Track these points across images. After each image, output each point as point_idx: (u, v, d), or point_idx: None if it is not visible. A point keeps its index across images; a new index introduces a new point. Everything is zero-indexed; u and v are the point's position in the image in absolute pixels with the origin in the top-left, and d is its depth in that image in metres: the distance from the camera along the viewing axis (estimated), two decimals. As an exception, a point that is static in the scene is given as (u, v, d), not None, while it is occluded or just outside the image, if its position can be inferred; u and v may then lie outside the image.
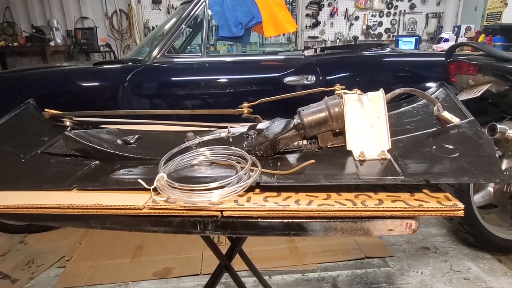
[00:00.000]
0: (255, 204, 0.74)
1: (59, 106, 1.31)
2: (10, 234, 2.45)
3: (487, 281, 1.91)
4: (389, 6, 6.59)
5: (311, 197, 0.76)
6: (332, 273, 2.00)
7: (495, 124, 1.76)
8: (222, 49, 5.97)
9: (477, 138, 0.87)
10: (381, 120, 0.89)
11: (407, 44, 5.74)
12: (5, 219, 0.87)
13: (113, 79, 2.42)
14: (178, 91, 2.49)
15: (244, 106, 1.20)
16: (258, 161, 0.86)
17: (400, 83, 2.50)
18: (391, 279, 1.94)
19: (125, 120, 1.36)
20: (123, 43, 6.30)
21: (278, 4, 2.69)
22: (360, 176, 0.78)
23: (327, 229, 0.73)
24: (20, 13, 5.97)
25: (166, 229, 0.78)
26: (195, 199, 0.75)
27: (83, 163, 1.01)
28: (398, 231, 0.71)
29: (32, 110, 1.31)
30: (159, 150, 1.00)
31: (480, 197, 2.13)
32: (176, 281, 1.96)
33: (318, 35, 6.59)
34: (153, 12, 6.20)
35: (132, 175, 0.90)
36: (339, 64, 2.62)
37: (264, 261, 2.05)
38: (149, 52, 2.50)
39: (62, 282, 1.96)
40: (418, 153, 0.87)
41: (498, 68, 1.90)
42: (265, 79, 2.54)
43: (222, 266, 1.23)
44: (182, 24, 2.50)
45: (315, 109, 0.95)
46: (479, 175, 0.75)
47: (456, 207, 0.69)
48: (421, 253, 2.18)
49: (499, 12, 5.49)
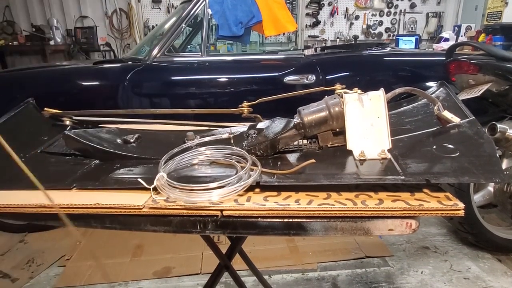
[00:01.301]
0: (255, 204, 0.74)
1: (59, 105, 1.31)
2: (10, 233, 2.45)
3: (487, 281, 1.91)
4: (389, 5, 6.59)
5: (311, 196, 0.75)
6: (332, 273, 2.00)
7: (496, 124, 1.76)
8: (222, 48, 5.97)
9: (477, 137, 0.87)
10: (382, 120, 0.89)
11: (407, 44, 5.74)
12: (5, 218, 0.87)
13: (113, 78, 2.41)
14: (178, 90, 2.49)
15: (244, 106, 1.20)
16: (258, 160, 0.86)
17: (400, 82, 2.50)
18: (391, 279, 1.94)
19: (125, 120, 1.36)
20: (123, 42, 6.30)
21: (278, 3, 2.69)
22: (360, 175, 0.78)
23: (327, 228, 0.73)
24: (20, 12, 5.97)
25: (166, 229, 0.77)
26: (195, 198, 0.75)
27: (82, 162, 1.01)
28: (398, 230, 0.71)
29: (31, 109, 1.31)
30: (159, 149, 1.00)
31: (480, 197, 2.13)
32: (176, 280, 1.96)
33: (318, 35, 6.59)
34: (153, 11, 6.20)
35: (132, 174, 0.90)
36: (339, 64, 2.62)
37: (264, 261, 2.05)
38: (149, 51, 2.50)
39: (62, 281, 1.96)
40: (418, 152, 0.87)
41: (498, 67, 1.90)
42: (265, 79, 2.54)
43: (222, 265, 1.23)
44: (182, 23, 2.50)
45: (315, 108, 0.95)
46: (479, 174, 0.75)
47: (456, 206, 0.69)
48: (421, 252, 2.17)
49: (500, 11, 5.48)
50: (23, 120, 1.25)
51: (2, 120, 1.20)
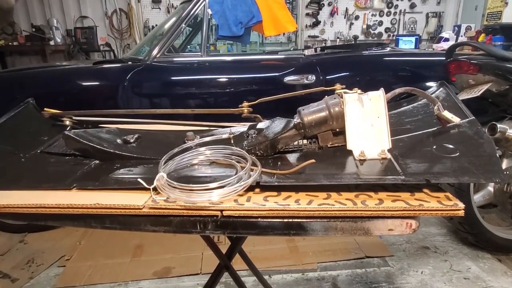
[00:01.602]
0: (255, 204, 0.74)
1: (59, 106, 1.31)
2: (10, 234, 2.45)
3: (487, 281, 1.91)
4: (389, 5, 6.58)
5: (311, 196, 0.75)
6: (332, 273, 1.99)
7: (496, 124, 1.76)
8: (222, 48, 5.97)
9: (477, 137, 0.87)
10: (382, 120, 0.89)
11: (407, 44, 5.74)
12: (5, 218, 0.87)
13: (113, 79, 2.41)
14: (178, 91, 2.49)
15: (244, 106, 1.20)
16: (258, 160, 0.86)
17: (400, 82, 2.50)
18: (391, 279, 1.94)
19: (125, 120, 1.36)
20: (123, 43, 6.29)
21: (278, 3, 2.69)
22: (360, 175, 0.78)
23: (327, 228, 0.72)
24: (20, 12, 5.96)
25: (166, 229, 0.77)
26: (195, 198, 0.75)
27: (82, 162, 1.01)
28: (398, 230, 0.71)
29: (31, 109, 1.31)
30: (158, 149, 1.00)
31: (480, 197, 2.13)
32: (176, 280, 1.96)
33: (318, 35, 6.59)
34: (153, 11, 6.19)
35: (132, 174, 0.90)
36: (339, 64, 2.62)
37: (264, 261, 2.05)
38: (149, 52, 2.50)
39: (62, 281, 1.96)
40: (418, 152, 0.87)
41: (498, 67, 1.90)
42: (265, 79, 2.54)
43: (222, 265, 1.23)
44: (182, 24, 2.50)
45: (315, 108, 0.94)
46: (479, 174, 0.75)
47: (456, 206, 0.69)
48: (421, 252, 2.17)
49: (500, 11, 5.48)
50: (23, 120, 1.25)
51: (2, 120, 1.20)
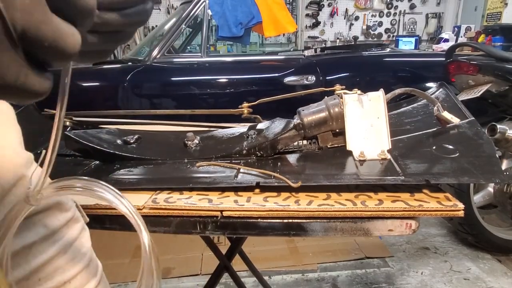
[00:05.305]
0: (255, 204, 0.74)
1: (59, 106, 1.30)
2: (10, 234, 2.45)
3: (487, 281, 1.91)
4: (389, 6, 6.60)
5: (311, 197, 0.75)
6: (332, 273, 1.99)
7: (495, 124, 1.76)
8: (222, 49, 5.98)
9: (477, 138, 0.87)
10: (381, 120, 0.89)
11: (407, 44, 5.74)
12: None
13: (113, 79, 2.42)
14: (178, 91, 2.49)
15: (244, 106, 1.20)
16: (258, 161, 0.86)
17: (400, 83, 2.50)
18: (391, 279, 1.94)
19: (125, 120, 1.36)
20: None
21: (278, 4, 2.69)
22: (360, 176, 0.78)
23: (327, 229, 0.72)
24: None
25: (166, 229, 0.77)
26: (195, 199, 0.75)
27: (82, 163, 1.01)
28: (398, 231, 0.71)
29: (31, 110, 1.31)
30: (159, 150, 1.00)
31: (480, 197, 2.13)
32: (176, 281, 1.96)
33: (318, 35, 6.60)
34: (153, 12, 6.19)
35: (132, 175, 0.90)
36: (339, 64, 2.62)
37: (264, 261, 2.05)
38: (149, 52, 2.50)
39: (61, 282, 1.96)
40: (418, 153, 0.87)
41: (498, 68, 1.91)
42: (265, 79, 2.54)
43: (222, 266, 1.23)
44: (182, 24, 2.50)
45: (315, 109, 0.95)
46: (479, 175, 0.75)
47: (456, 207, 0.69)
48: (421, 253, 2.17)
49: (499, 12, 5.49)
50: (22, 121, 1.24)
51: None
